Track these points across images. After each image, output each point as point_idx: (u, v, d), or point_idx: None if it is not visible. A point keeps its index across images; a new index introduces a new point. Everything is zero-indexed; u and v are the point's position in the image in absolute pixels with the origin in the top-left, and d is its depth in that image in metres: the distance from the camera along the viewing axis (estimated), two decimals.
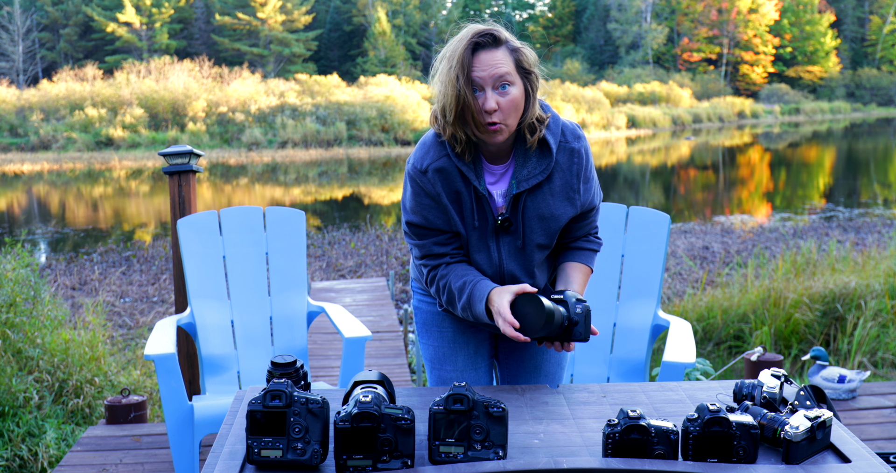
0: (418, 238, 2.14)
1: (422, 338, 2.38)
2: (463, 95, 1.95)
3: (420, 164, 2.09)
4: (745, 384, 1.89)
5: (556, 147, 2.06)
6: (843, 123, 50.53)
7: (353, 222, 15.92)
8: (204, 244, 3.50)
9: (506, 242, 2.13)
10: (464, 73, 1.94)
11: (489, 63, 1.96)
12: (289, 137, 33.98)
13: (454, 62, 1.95)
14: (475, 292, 2.06)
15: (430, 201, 2.09)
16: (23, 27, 52.77)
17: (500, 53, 1.98)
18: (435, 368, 2.36)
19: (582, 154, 2.09)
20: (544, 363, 2.34)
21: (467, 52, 1.95)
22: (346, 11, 60.88)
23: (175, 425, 2.98)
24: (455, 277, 2.11)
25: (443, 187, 2.07)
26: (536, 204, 2.08)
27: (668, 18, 62.23)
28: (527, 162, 2.06)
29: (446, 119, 2.00)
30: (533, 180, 2.05)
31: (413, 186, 2.12)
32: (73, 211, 19.81)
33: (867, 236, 11.90)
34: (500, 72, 1.96)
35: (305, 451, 1.58)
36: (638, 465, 1.59)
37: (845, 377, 4.00)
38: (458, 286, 2.10)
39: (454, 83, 1.95)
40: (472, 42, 1.96)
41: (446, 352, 2.33)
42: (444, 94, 1.98)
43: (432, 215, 2.10)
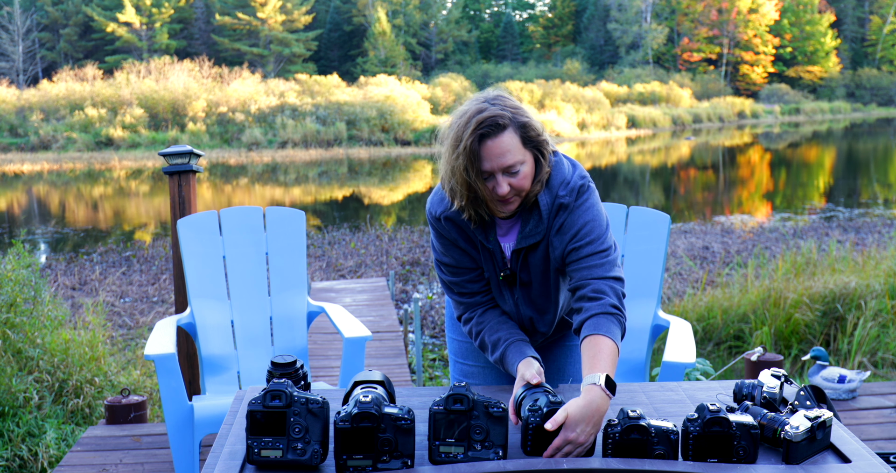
0: (452, 276, 2.17)
1: (449, 332, 2.42)
2: (474, 185, 1.95)
3: (434, 211, 2.12)
4: (745, 384, 1.89)
5: (547, 209, 2.03)
6: (843, 123, 50.53)
7: (353, 222, 15.92)
8: (204, 244, 3.50)
9: (514, 292, 2.16)
10: (472, 165, 1.93)
11: (496, 153, 1.93)
12: (289, 137, 33.98)
13: (461, 151, 1.93)
14: (509, 356, 2.04)
15: (450, 243, 2.13)
16: (23, 27, 52.77)
17: (506, 137, 1.93)
18: (458, 362, 2.40)
19: (569, 206, 2.04)
20: (567, 366, 2.36)
21: (474, 144, 1.92)
22: (346, 11, 60.87)
23: (175, 425, 2.98)
24: (490, 330, 2.13)
25: (458, 234, 2.10)
26: (537, 259, 2.10)
27: (668, 18, 62.23)
28: (531, 218, 2.07)
29: (457, 199, 2.01)
30: (531, 238, 2.06)
31: (433, 229, 2.17)
32: (73, 211, 19.81)
33: (867, 236, 11.90)
34: (507, 162, 1.94)
35: (305, 451, 1.58)
36: (638, 465, 1.59)
37: (845, 377, 3.99)
38: (493, 341, 2.11)
39: (462, 174, 1.94)
40: (478, 133, 1.92)
41: (470, 348, 2.36)
42: (452, 179, 1.98)
43: (457, 255, 2.14)
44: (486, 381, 2.36)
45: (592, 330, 1.88)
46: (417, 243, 13.11)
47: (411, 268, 11.27)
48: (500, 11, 72.29)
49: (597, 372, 1.77)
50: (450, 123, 2.00)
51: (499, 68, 56.31)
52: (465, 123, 1.93)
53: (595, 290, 1.95)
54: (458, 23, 64.06)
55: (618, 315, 1.92)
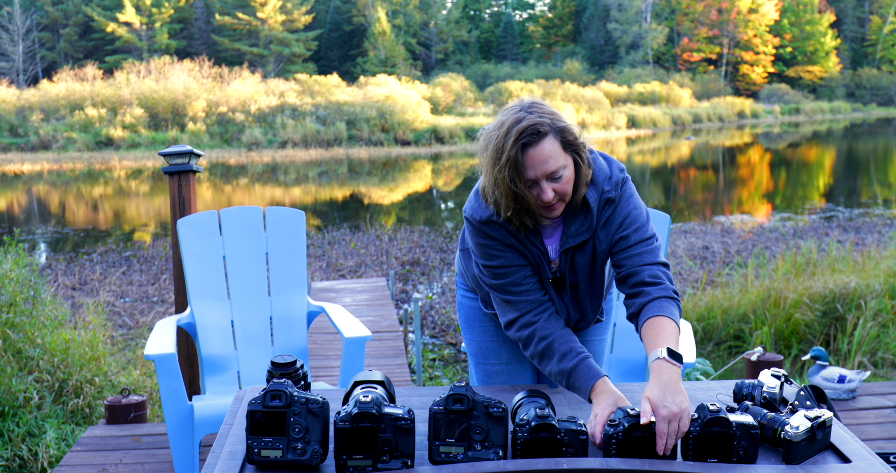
0: (501, 278, 2.11)
1: (466, 334, 2.41)
2: (521, 194, 1.96)
3: (480, 216, 2.09)
4: (745, 384, 1.89)
5: (596, 204, 2.06)
6: (843, 123, 50.52)
7: (353, 222, 15.92)
8: (204, 244, 3.50)
9: (562, 295, 2.17)
10: (518, 175, 1.94)
11: (539, 160, 1.93)
12: (289, 137, 33.97)
13: (503, 163, 1.93)
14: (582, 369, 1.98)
15: (499, 242, 2.10)
16: (23, 27, 52.77)
17: (547, 144, 1.94)
18: (480, 363, 2.38)
19: (615, 201, 2.07)
20: None
21: (518, 154, 1.92)
22: (346, 11, 60.87)
23: (175, 425, 2.98)
24: (561, 338, 2.05)
25: (506, 236, 2.09)
26: (585, 258, 2.11)
27: (668, 18, 62.23)
28: (575, 218, 2.07)
29: (503, 211, 2.01)
30: (580, 236, 2.07)
31: (477, 234, 2.11)
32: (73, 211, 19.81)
33: (867, 236, 11.90)
34: (551, 168, 1.94)
35: (305, 451, 1.58)
36: (638, 465, 1.59)
37: (845, 377, 3.99)
38: (563, 351, 2.03)
39: (508, 185, 1.94)
40: (521, 143, 1.92)
41: (490, 347, 2.35)
42: (496, 189, 1.98)
43: (508, 254, 2.11)
44: (510, 379, 2.35)
45: (656, 312, 1.94)
46: (417, 243, 13.11)
47: (411, 268, 11.27)
48: (500, 11, 72.30)
49: (654, 350, 1.83)
50: (487, 134, 1.99)
51: (499, 68, 56.31)
52: (504, 134, 1.93)
53: (652, 275, 2.01)
54: (458, 23, 64.05)
55: (677, 300, 2.00)
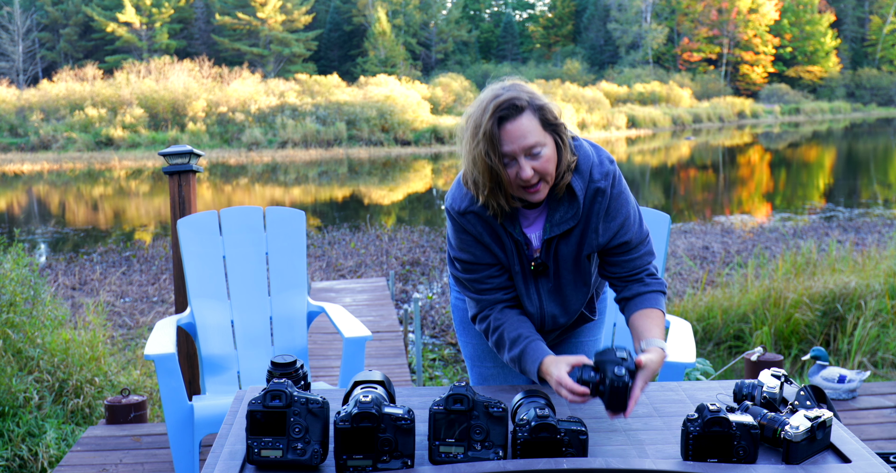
0: (468, 273, 2.13)
1: (461, 337, 2.39)
2: (496, 170, 1.93)
3: (458, 206, 2.08)
4: (745, 384, 1.89)
5: (583, 192, 2.03)
6: (843, 123, 50.53)
7: (353, 222, 15.92)
8: (204, 244, 3.50)
9: (543, 284, 2.14)
10: (493, 148, 1.91)
11: (517, 134, 1.91)
12: (289, 137, 33.98)
13: (480, 137, 1.91)
14: (529, 352, 2.03)
15: (472, 238, 2.09)
16: (23, 27, 52.77)
17: (524, 120, 1.92)
18: (476, 365, 2.37)
19: (606, 192, 2.04)
20: None
21: (493, 127, 1.91)
22: (346, 11, 60.88)
23: (175, 425, 2.98)
24: (510, 326, 2.09)
25: (483, 228, 2.07)
26: (570, 247, 2.08)
27: (668, 18, 62.23)
28: (559, 206, 2.05)
29: (480, 191, 1.99)
30: (564, 225, 2.04)
31: (454, 224, 2.11)
32: (73, 211, 19.81)
33: (867, 236, 11.90)
34: (528, 143, 1.92)
35: (305, 451, 1.58)
36: (637, 465, 1.59)
37: (845, 377, 3.99)
38: (512, 338, 2.07)
39: (484, 159, 1.92)
40: (497, 117, 1.91)
41: (486, 349, 2.34)
42: (474, 168, 1.96)
43: (478, 250, 2.10)
44: (506, 382, 2.34)
45: (652, 304, 2.08)
46: (417, 243, 13.11)
47: (411, 268, 11.27)
48: (500, 11, 72.30)
49: (656, 338, 1.98)
50: (466, 116, 1.99)
51: (499, 68, 56.30)
52: (482, 110, 1.93)
53: (650, 274, 2.13)
54: (458, 23, 64.06)
55: (666, 293, 2.15)
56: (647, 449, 1.71)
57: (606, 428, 1.83)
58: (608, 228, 2.06)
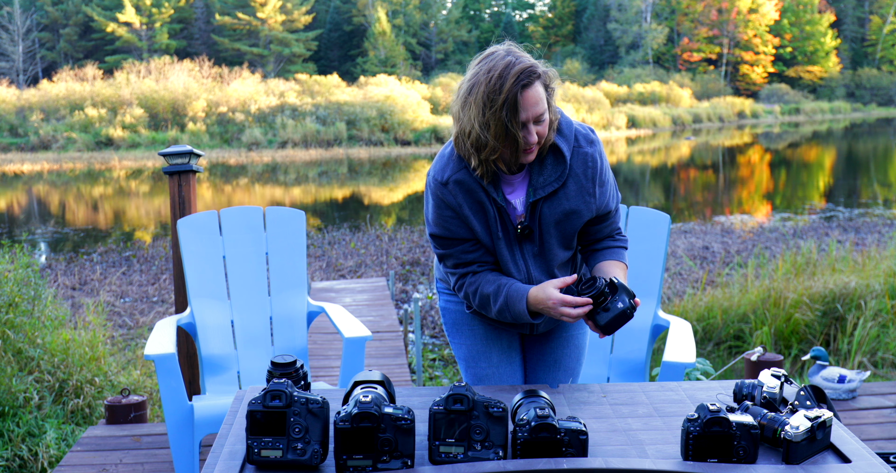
0: (444, 248, 2.18)
1: (453, 338, 2.40)
2: (514, 134, 1.97)
3: (440, 176, 2.12)
4: (745, 384, 1.89)
5: (569, 153, 2.09)
6: (843, 123, 50.52)
7: (353, 222, 15.92)
8: (204, 244, 3.50)
9: (528, 249, 2.17)
10: (515, 115, 1.96)
11: (533, 102, 1.97)
12: (289, 137, 33.97)
13: (500, 104, 1.95)
14: (511, 294, 2.10)
15: (451, 212, 2.12)
16: (23, 27, 52.76)
17: (538, 87, 2.00)
18: (470, 366, 2.38)
19: (596, 158, 2.12)
20: (564, 358, 2.38)
21: (517, 95, 1.95)
22: (346, 11, 60.87)
23: (175, 425, 2.98)
24: (486, 282, 2.15)
25: (464, 198, 2.10)
26: (553, 210, 2.12)
27: (668, 18, 62.22)
28: (542, 170, 2.09)
29: (481, 156, 2.02)
30: (549, 187, 2.09)
31: (434, 198, 2.14)
32: (73, 211, 19.81)
33: (867, 236, 11.90)
34: (540, 110, 1.99)
35: (305, 451, 1.58)
36: (637, 465, 1.59)
37: (845, 377, 3.99)
38: (493, 291, 2.13)
39: (504, 125, 1.96)
40: (521, 85, 1.95)
41: (480, 349, 2.35)
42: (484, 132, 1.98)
43: (454, 226, 2.13)
44: (500, 382, 2.35)
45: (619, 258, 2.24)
46: (417, 243, 13.11)
47: (411, 268, 11.27)
48: (500, 11, 72.28)
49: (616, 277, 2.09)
50: (473, 79, 2.00)
51: None
52: (498, 77, 1.95)
53: (619, 233, 2.29)
54: (458, 23, 64.04)
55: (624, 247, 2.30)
56: (647, 449, 1.71)
57: (606, 428, 1.83)
58: (601, 193, 2.15)
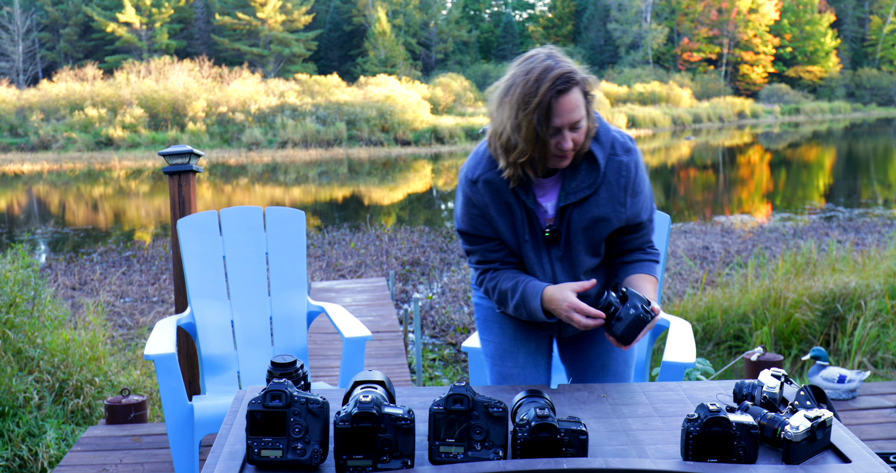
0: (469, 245, 2.21)
1: (482, 335, 2.41)
2: (544, 140, 1.97)
3: (472, 174, 2.12)
4: (745, 384, 1.89)
5: (604, 161, 2.08)
6: (843, 123, 50.52)
7: (353, 222, 15.92)
8: (204, 244, 3.50)
9: (555, 253, 2.16)
10: (547, 120, 1.95)
11: (568, 108, 1.96)
12: (289, 137, 33.97)
13: (533, 107, 1.94)
14: (528, 290, 2.11)
15: (478, 210, 2.13)
16: (23, 27, 52.76)
17: (575, 94, 1.98)
18: (496, 364, 2.38)
19: (631, 167, 2.10)
20: (611, 362, 2.35)
21: (551, 100, 1.94)
22: (346, 11, 60.86)
23: (175, 425, 2.98)
24: (505, 278, 2.16)
25: (492, 198, 2.10)
26: (582, 216, 2.11)
27: (668, 18, 62.22)
28: (576, 175, 2.08)
29: (512, 157, 2.02)
30: (581, 193, 2.08)
31: (463, 195, 2.16)
32: (73, 211, 19.81)
33: (867, 236, 11.90)
34: (576, 117, 1.98)
35: (305, 451, 1.58)
36: (637, 465, 1.59)
37: (845, 377, 3.99)
38: (511, 286, 2.14)
39: (535, 129, 1.95)
40: (555, 89, 1.94)
41: (507, 348, 2.35)
42: (515, 134, 1.98)
43: (480, 224, 2.15)
44: (525, 382, 2.34)
45: (649, 271, 2.20)
46: (417, 243, 13.11)
47: (411, 268, 11.27)
48: (500, 11, 72.28)
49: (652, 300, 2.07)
50: (511, 79, 2.00)
51: (499, 68, 56.21)
52: (535, 79, 1.94)
53: (651, 246, 2.26)
54: (458, 23, 64.04)
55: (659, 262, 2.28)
56: (647, 449, 1.71)
57: (606, 428, 1.83)
58: (633, 203, 2.12)
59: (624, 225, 2.15)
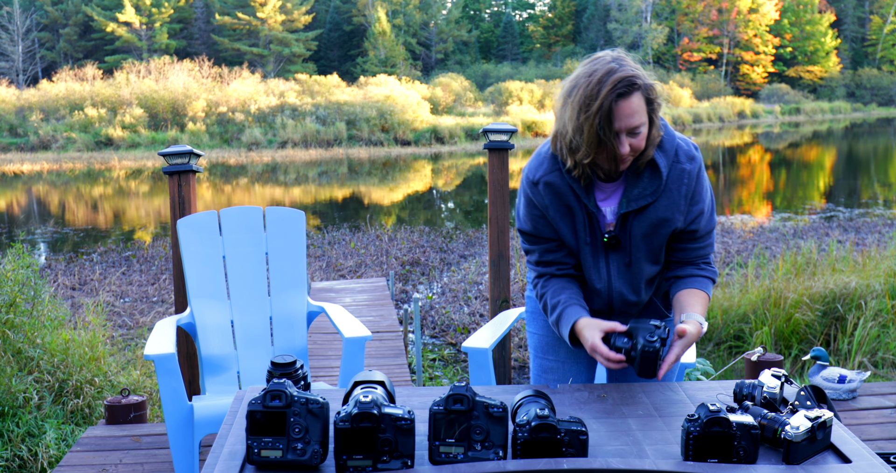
0: (529, 244, 2.21)
1: (529, 327, 2.43)
2: (606, 141, 1.96)
3: (533, 175, 2.12)
4: (746, 384, 1.89)
5: (666, 169, 2.07)
6: (843, 123, 50.52)
7: (353, 222, 15.92)
8: (204, 244, 3.50)
9: (614, 259, 2.15)
10: (608, 123, 1.94)
11: (627, 113, 1.95)
12: (289, 137, 33.97)
13: (594, 110, 1.93)
14: (563, 316, 2.10)
15: (538, 212, 2.13)
16: (23, 27, 52.77)
17: (636, 99, 1.96)
18: (538, 357, 2.40)
19: (693, 176, 2.10)
20: None
21: (611, 103, 1.93)
22: (346, 11, 60.88)
23: (175, 425, 2.98)
24: (552, 292, 2.16)
25: (552, 200, 2.10)
26: (642, 223, 2.10)
27: (668, 18, 62.24)
28: (638, 181, 2.08)
29: (576, 156, 2.01)
30: (642, 200, 2.07)
31: (524, 196, 2.16)
32: (72, 211, 19.80)
33: (867, 236, 11.90)
34: (635, 122, 1.97)
35: (305, 451, 1.58)
36: (638, 465, 1.59)
37: (845, 377, 3.99)
38: (553, 303, 2.14)
39: (596, 132, 1.94)
40: (616, 93, 1.93)
41: (550, 342, 2.36)
42: (577, 135, 1.98)
43: (540, 225, 2.15)
44: (564, 377, 2.36)
45: (701, 287, 2.16)
46: (417, 243, 13.11)
47: (411, 268, 11.27)
48: (500, 11, 72.30)
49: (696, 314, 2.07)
50: (573, 81, 1.99)
51: (499, 68, 56.29)
52: (597, 82, 1.93)
53: (707, 262, 2.21)
54: (458, 23, 64.05)
55: (716, 282, 2.25)
56: (647, 449, 1.71)
57: (606, 428, 1.83)
58: (690, 211, 2.11)
59: (681, 231, 2.13)
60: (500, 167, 4.84)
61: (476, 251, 12.27)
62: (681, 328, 1.98)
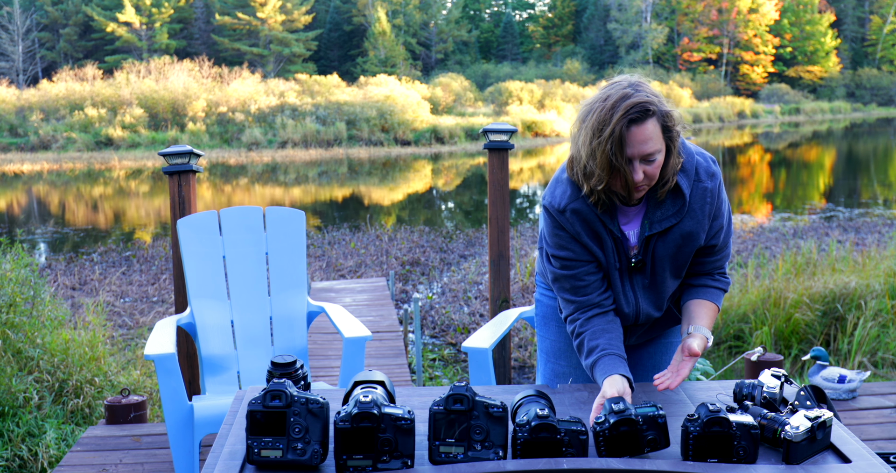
0: (566, 269, 2.12)
1: (540, 331, 2.41)
2: (620, 168, 1.93)
3: (558, 203, 2.08)
4: (746, 384, 1.89)
5: (689, 191, 2.05)
6: (843, 123, 50.52)
7: (353, 222, 15.91)
8: (204, 244, 3.50)
9: (637, 281, 2.14)
10: (620, 149, 1.91)
11: (640, 139, 1.92)
12: (289, 137, 33.96)
13: (606, 136, 1.90)
14: (599, 366, 2.03)
15: (569, 236, 2.09)
16: (23, 27, 52.77)
17: (650, 125, 1.93)
18: (549, 361, 2.38)
19: (715, 193, 2.07)
20: (663, 365, 2.35)
21: (622, 129, 1.90)
22: (346, 11, 60.87)
23: (175, 425, 2.98)
24: (591, 335, 2.09)
25: (582, 227, 2.07)
26: (667, 245, 2.08)
27: (668, 18, 62.23)
28: (661, 204, 2.05)
29: (591, 182, 1.98)
30: (666, 222, 2.05)
31: (552, 221, 2.11)
32: (72, 211, 19.80)
33: (867, 236, 11.90)
34: (648, 149, 1.93)
35: (305, 451, 1.58)
36: (638, 465, 1.59)
37: (845, 377, 3.99)
38: (591, 347, 2.07)
39: (609, 158, 1.92)
40: (627, 119, 1.90)
41: (562, 347, 2.35)
42: (591, 163, 1.95)
43: (577, 248, 2.10)
44: (576, 381, 2.34)
45: (711, 298, 2.16)
46: (417, 243, 13.11)
47: (411, 268, 11.27)
48: (500, 11, 72.31)
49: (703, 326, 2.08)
50: (589, 105, 1.97)
51: (499, 68, 56.29)
52: (611, 107, 1.91)
53: (721, 273, 2.21)
54: (458, 23, 64.05)
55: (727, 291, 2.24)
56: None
57: None
58: (711, 227, 2.10)
59: (701, 246, 2.11)
60: (500, 167, 4.84)
61: (476, 251, 12.28)
62: (690, 347, 1.98)
